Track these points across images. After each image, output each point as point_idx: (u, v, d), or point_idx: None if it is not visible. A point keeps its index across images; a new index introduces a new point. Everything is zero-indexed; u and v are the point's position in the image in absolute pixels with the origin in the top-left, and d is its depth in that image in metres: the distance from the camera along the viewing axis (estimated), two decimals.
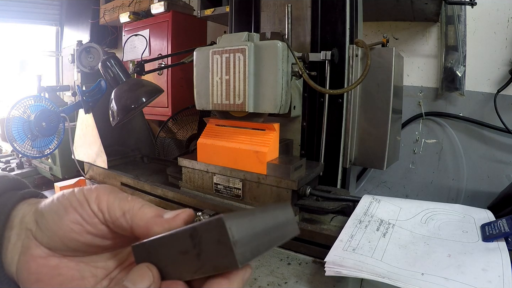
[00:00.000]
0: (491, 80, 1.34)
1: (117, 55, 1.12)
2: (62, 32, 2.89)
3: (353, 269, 0.56)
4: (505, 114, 1.28)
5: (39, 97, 1.10)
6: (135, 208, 0.28)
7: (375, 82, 0.94)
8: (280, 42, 0.79)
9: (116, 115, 0.98)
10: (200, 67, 0.89)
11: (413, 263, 0.57)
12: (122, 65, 1.05)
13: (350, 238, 0.65)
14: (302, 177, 0.83)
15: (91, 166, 1.27)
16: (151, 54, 1.92)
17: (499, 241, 0.60)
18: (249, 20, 1.08)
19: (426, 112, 1.46)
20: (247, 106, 0.82)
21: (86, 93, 1.16)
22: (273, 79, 0.79)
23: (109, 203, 0.29)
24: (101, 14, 2.34)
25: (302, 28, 0.98)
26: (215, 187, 0.91)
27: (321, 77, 0.93)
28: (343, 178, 0.98)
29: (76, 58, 1.36)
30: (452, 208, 0.75)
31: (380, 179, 1.61)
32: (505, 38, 1.30)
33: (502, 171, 1.35)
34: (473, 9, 1.23)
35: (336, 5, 0.92)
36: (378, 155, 0.96)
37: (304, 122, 0.99)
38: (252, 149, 0.83)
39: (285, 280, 0.64)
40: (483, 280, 0.51)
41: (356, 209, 0.76)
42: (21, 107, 1.04)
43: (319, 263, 0.69)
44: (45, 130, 1.05)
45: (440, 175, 1.48)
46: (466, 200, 1.42)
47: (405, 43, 1.48)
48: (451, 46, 1.37)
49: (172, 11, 1.83)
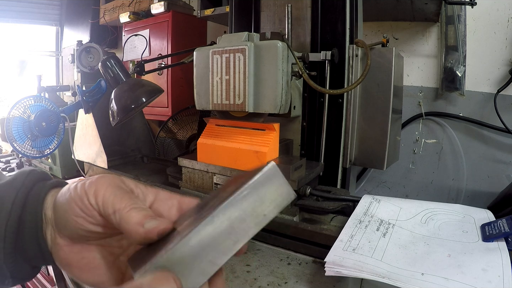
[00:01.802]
0: (491, 80, 1.34)
1: (117, 55, 1.12)
2: (62, 32, 2.89)
3: (353, 269, 0.56)
4: (505, 114, 1.28)
5: (39, 97, 1.10)
6: (124, 210, 0.29)
7: (375, 82, 0.94)
8: (280, 42, 0.79)
9: (116, 115, 0.98)
10: (200, 67, 0.89)
11: (413, 263, 0.57)
12: (122, 65, 1.05)
13: (350, 238, 0.65)
14: (302, 177, 0.82)
15: (91, 166, 1.27)
16: (151, 54, 1.92)
17: (499, 241, 0.60)
18: (249, 20, 1.08)
19: (426, 112, 1.46)
20: (247, 106, 0.82)
21: (86, 93, 1.16)
22: (273, 79, 0.79)
23: (105, 198, 0.30)
24: (101, 14, 2.34)
25: (302, 28, 0.98)
26: (215, 187, 0.91)
27: (321, 77, 0.93)
28: (343, 178, 0.98)
29: (76, 58, 1.36)
30: (452, 208, 0.75)
31: (380, 179, 1.61)
32: (505, 38, 1.30)
33: (502, 171, 1.35)
34: (473, 9, 1.22)
35: (336, 5, 0.92)
36: (378, 155, 0.96)
37: (304, 122, 0.99)
38: (252, 149, 0.83)
39: (285, 280, 0.64)
40: (483, 280, 0.51)
41: (356, 209, 0.76)
42: (21, 107, 1.04)
43: (319, 263, 0.69)
44: (45, 130, 1.05)
45: (440, 175, 1.48)
46: (466, 200, 1.42)
47: (405, 43, 1.48)
48: (451, 46, 1.37)
49: (172, 11, 1.83)
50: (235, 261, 0.71)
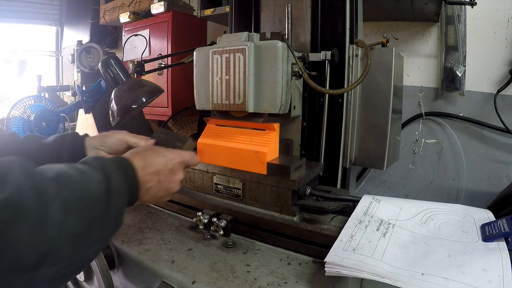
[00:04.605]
0: (491, 80, 1.34)
1: (117, 55, 1.12)
2: (62, 32, 2.89)
3: (353, 269, 0.56)
4: (505, 114, 1.28)
5: (39, 97, 1.10)
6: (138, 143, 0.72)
7: (375, 82, 0.94)
8: (280, 42, 0.79)
9: (116, 115, 0.98)
10: (200, 67, 0.89)
11: (413, 263, 0.57)
12: (122, 65, 1.05)
13: (350, 238, 0.65)
14: (302, 177, 0.82)
15: None
16: (151, 54, 1.92)
17: (499, 241, 0.60)
18: (249, 20, 1.08)
19: (426, 112, 1.46)
20: (247, 106, 0.82)
21: (86, 93, 1.16)
22: (273, 79, 0.79)
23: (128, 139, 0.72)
24: (101, 14, 2.34)
25: (302, 28, 0.98)
26: (215, 187, 0.91)
27: (321, 77, 0.93)
28: (343, 178, 0.98)
29: (76, 58, 1.36)
30: (452, 208, 0.75)
31: (380, 179, 1.61)
32: (505, 38, 1.30)
33: (502, 171, 1.35)
34: (473, 9, 1.22)
35: (336, 5, 0.92)
36: (378, 155, 0.96)
37: (304, 122, 0.99)
38: (252, 149, 0.83)
39: (285, 280, 0.64)
40: (483, 280, 0.51)
41: (356, 209, 0.76)
42: (21, 107, 1.04)
43: (319, 263, 0.69)
44: (45, 130, 1.05)
45: (440, 175, 1.48)
46: (466, 200, 1.42)
47: (405, 43, 1.48)
48: (451, 46, 1.37)
49: (172, 11, 1.83)
50: (235, 261, 0.71)
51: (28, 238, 0.34)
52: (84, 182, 0.42)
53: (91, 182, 0.43)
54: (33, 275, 0.35)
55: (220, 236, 0.80)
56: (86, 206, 0.41)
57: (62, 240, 0.37)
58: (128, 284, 0.80)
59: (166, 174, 0.58)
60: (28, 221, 0.34)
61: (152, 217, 0.93)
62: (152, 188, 0.56)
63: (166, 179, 0.58)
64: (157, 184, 0.57)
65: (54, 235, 0.36)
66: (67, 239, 0.38)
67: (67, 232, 0.38)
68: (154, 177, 0.56)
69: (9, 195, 0.33)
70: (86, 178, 0.43)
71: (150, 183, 0.56)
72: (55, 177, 0.40)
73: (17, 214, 0.33)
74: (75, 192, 0.40)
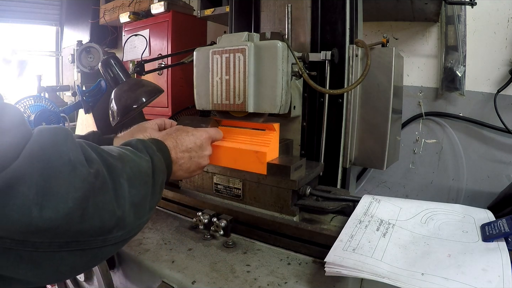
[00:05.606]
0: (491, 80, 1.34)
1: (117, 55, 1.12)
2: (62, 32, 2.89)
3: (353, 269, 0.56)
4: (505, 114, 1.28)
5: (39, 97, 1.10)
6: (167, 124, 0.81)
7: (375, 82, 0.94)
8: (280, 42, 0.79)
9: (116, 115, 0.98)
10: (200, 67, 0.89)
11: (413, 263, 0.57)
12: (122, 65, 1.05)
13: (350, 238, 0.65)
14: (302, 177, 0.83)
15: None
16: (151, 54, 1.92)
17: (499, 241, 0.60)
18: (249, 20, 1.08)
19: (426, 112, 1.46)
20: (247, 106, 0.82)
21: (86, 93, 1.16)
22: (273, 79, 0.79)
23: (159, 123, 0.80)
24: (101, 14, 2.33)
25: (302, 28, 0.98)
26: (215, 187, 0.91)
27: (321, 77, 0.93)
28: (343, 178, 0.98)
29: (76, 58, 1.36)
30: (452, 208, 0.75)
31: (380, 179, 1.61)
32: (505, 38, 1.30)
33: (502, 171, 1.35)
34: (473, 9, 1.22)
35: (336, 5, 0.92)
36: (378, 155, 0.96)
37: (304, 122, 0.99)
38: (252, 149, 0.83)
39: (285, 280, 0.64)
40: (483, 280, 0.51)
41: (356, 209, 0.76)
42: (21, 107, 1.04)
43: (319, 263, 0.69)
44: None
45: (440, 175, 1.48)
46: (466, 200, 1.42)
47: (405, 43, 1.48)
48: (451, 46, 1.37)
49: (172, 11, 1.83)
50: (235, 261, 0.71)
51: (109, 205, 0.41)
52: (138, 161, 0.50)
53: (142, 161, 0.51)
54: (106, 238, 0.41)
55: (220, 236, 0.81)
56: (141, 180, 0.49)
57: (128, 208, 0.44)
58: (128, 284, 0.80)
59: (196, 150, 0.67)
60: (109, 190, 0.41)
61: (152, 217, 0.93)
62: (185, 163, 0.64)
63: (196, 154, 0.67)
64: (189, 160, 0.65)
65: (124, 204, 0.43)
66: (131, 208, 0.45)
67: (131, 202, 0.45)
68: (185, 154, 0.65)
69: (99, 168, 0.41)
70: (139, 157, 0.51)
71: (182, 160, 0.64)
72: (118, 156, 0.47)
73: (103, 184, 0.41)
74: (134, 169, 0.48)
